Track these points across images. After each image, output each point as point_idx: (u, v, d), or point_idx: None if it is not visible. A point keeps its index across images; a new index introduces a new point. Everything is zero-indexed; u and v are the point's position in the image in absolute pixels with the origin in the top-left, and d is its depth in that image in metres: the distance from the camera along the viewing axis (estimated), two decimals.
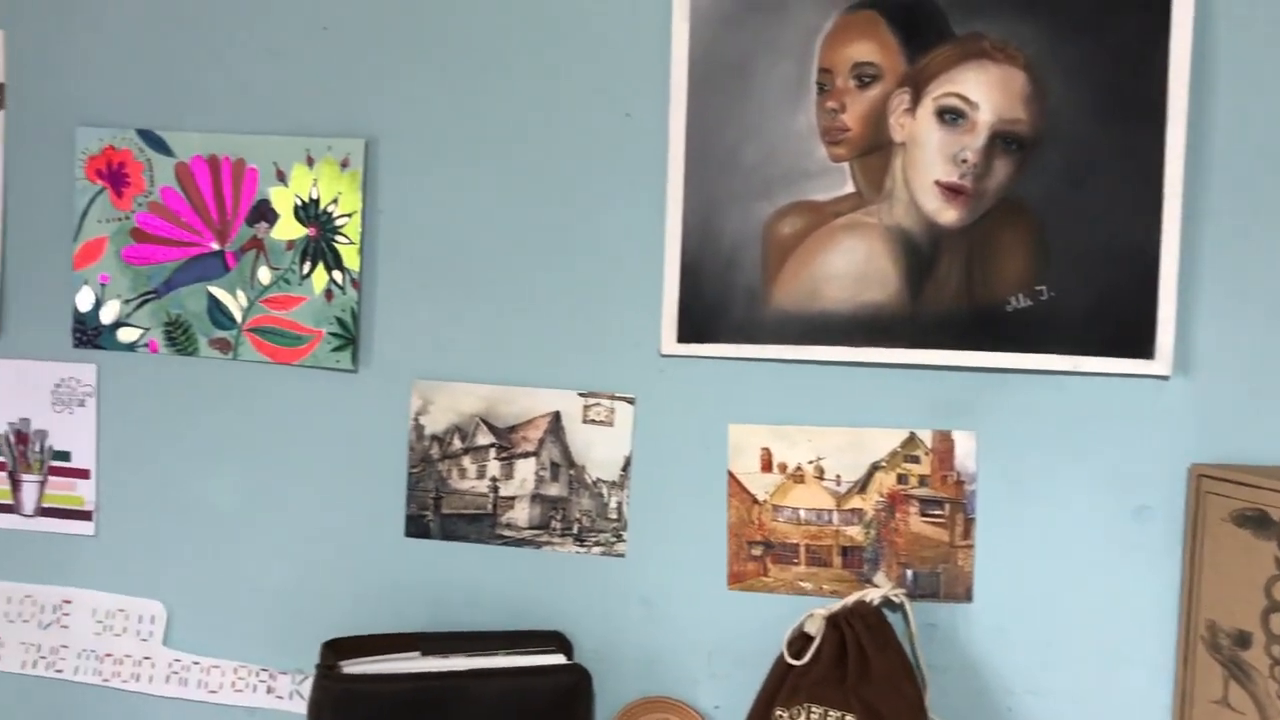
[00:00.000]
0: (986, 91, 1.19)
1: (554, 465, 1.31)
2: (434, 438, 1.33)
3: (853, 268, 1.22)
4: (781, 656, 1.22)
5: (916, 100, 1.21)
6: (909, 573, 1.24)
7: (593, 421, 1.30)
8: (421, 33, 1.31)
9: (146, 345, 1.37)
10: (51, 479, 1.41)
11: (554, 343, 1.30)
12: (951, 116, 1.20)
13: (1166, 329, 1.17)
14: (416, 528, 1.34)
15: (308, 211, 1.33)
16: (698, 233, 1.25)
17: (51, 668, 1.43)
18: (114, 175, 1.37)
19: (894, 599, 1.21)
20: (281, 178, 1.33)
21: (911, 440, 1.23)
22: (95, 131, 1.37)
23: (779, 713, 1.20)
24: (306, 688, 1.35)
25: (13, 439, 1.42)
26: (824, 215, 1.23)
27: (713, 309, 1.25)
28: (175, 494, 1.39)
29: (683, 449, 1.28)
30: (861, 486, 1.24)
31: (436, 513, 1.33)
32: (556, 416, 1.30)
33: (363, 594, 1.35)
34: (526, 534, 1.32)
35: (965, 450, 1.22)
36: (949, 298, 1.21)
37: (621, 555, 1.30)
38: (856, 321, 1.22)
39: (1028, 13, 1.18)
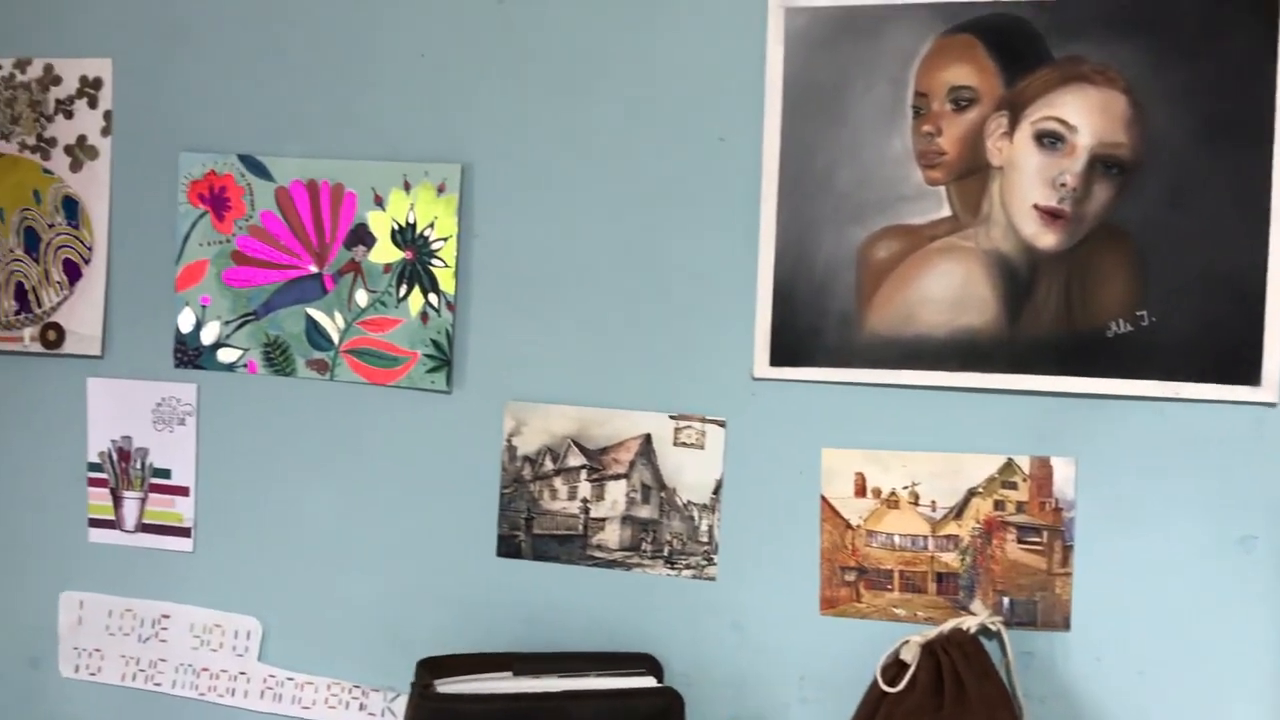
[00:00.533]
0: (1086, 115, 1.18)
1: (645, 487, 1.31)
2: (526, 458, 1.34)
3: (949, 292, 1.22)
4: (875, 683, 1.21)
5: (1014, 124, 1.20)
6: (1005, 600, 1.23)
7: (684, 444, 1.30)
8: (516, 59, 1.32)
9: (245, 366, 1.40)
10: (152, 496, 1.44)
11: (645, 365, 1.30)
12: (1050, 140, 1.19)
13: (1273, 355, 1.14)
14: (508, 547, 1.35)
15: (404, 235, 1.35)
16: (791, 256, 1.25)
17: (150, 680, 1.45)
18: (216, 199, 1.40)
19: (991, 626, 1.20)
20: (379, 202, 1.35)
21: (1009, 466, 1.22)
22: (198, 157, 1.41)
23: None
24: (399, 706, 1.37)
25: (115, 456, 1.45)
26: (920, 239, 1.22)
27: (806, 332, 1.25)
28: (272, 512, 1.41)
29: (775, 472, 1.28)
30: (957, 512, 1.23)
31: (528, 533, 1.34)
32: (648, 439, 1.31)
33: (455, 613, 1.36)
34: (617, 555, 1.32)
35: (1064, 477, 1.21)
36: (1047, 322, 1.19)
37: (712, 579, 1.30)
38: (953, 346, 1.21)
39: (1129, 36, 1.17)
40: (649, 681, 1.25)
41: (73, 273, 1.45)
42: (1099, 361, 1.18)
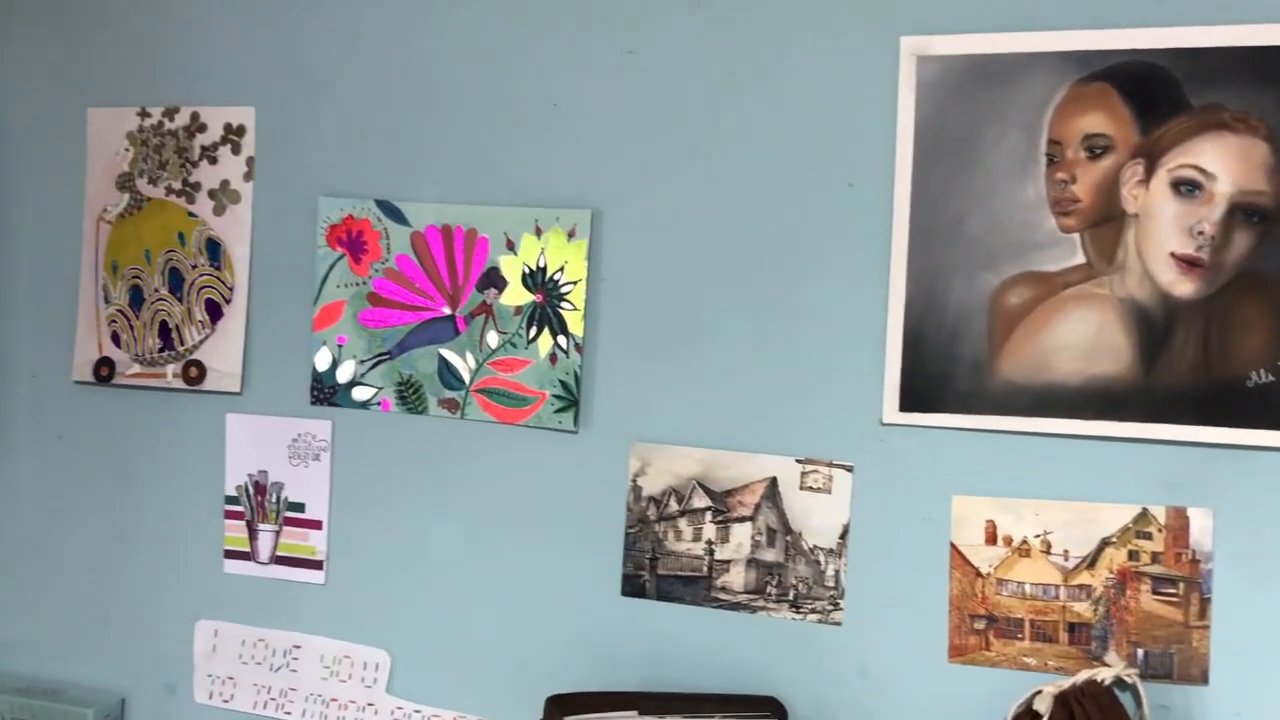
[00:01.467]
0: (1225, 163, 1.17)
1: (770, 531, 1.32)
2: (651, 499, 1.36)
3: (1083, 339, 1.21)
4: None
5: (1150, 171, 1.19)
6: (1140, 652, 1.21)
7: (810, 488, 1.31)
8: (646, 106, 1.35)
9: (379, 404, 1.44)
10: (286, 529, 1.49)
11: (772, 409, 1.31)
12: (1188, 188, 1.18)
13: None
14: (632, 587, 1.37)
15: (535, 279, 1.38)
16: (921, 302, 1.26)
17: (280, 709, 1.49)
18: (353, 243, 1.44)
19: (1126, 679, 1.18)
20: (511, 246, 1.39)
21: (1144, 516, 1.21)
22: (336, 202, 1.45)
23: None
24: None
25: (252, 490, 1.50)
26: (1053, 286, 1.22)
27: (936, 378, 1.25)
28: (402, 546, 1.44)
29: (903, 519, 1.28)
30: (1090, 562, 1.22)
31: (652, 573, 1.36)
32: (773, 482, 1.32)
33: (579, 650, 1.38)
34: (742, 598, 1.33)
35: (1201, 528, 1.19)
36: (1185, 371, 1.18)
37: (838, 624, 1.30)
38: (1087, 394, 1.21)
39: (1269, 83, 1.16)
40: None
41: (214, 312, 1.50)
42: (1238, 411, 1.17)
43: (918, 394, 1.26)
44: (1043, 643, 1.24)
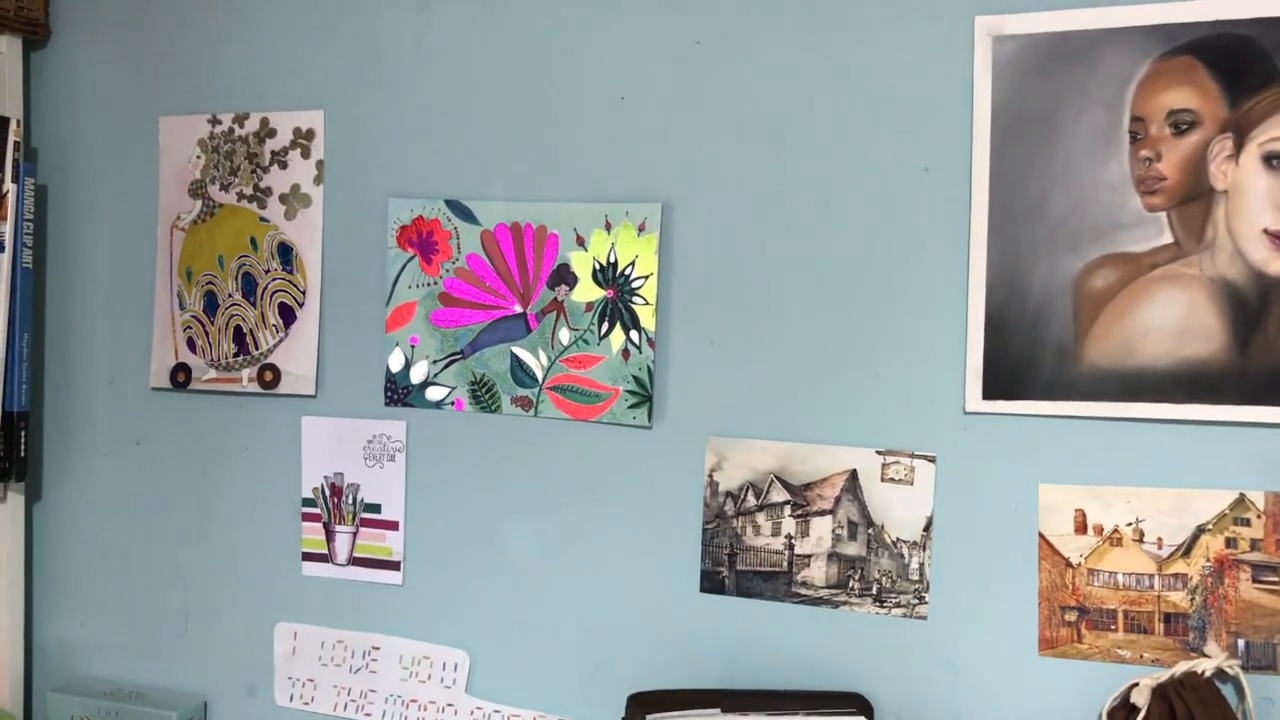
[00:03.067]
0: None
1: (851, 524, 1.30)
2: (728, 494, 1.34)
3: (1173, 321, 1.17)
4: None
5: (1240, 146, 1.16)
6: (1241, 642, 1.17)
7: (892, 480, 1.28)
8: (715, 97, 1.34)
9: (453, 403, 1.44)
10: (363, 530, 1.49)
11: (851, 400, 1.29)
12: None
13: None
14: (711, 583, 1.35)
15: (606, 274, 1.37)
16: (1003, 287, 1.23)
17: (360, 710, 1.49)
18: (424, 243, 1.44)
19: (1227, 670, 1.14)
20: (581, 243, 1.38)
21: (1241, 502, 1.17)
22: (406, 203, 1.45)
23: None
24: None
25: (328, 492, 1.50)
26: (1140, 267, 1.19)
27: (1020, 365, 1.22)
28: (479, 546, 1.44)
29: (989, 509, 1.25)
30: (1186, 550, 1.18)
31: (731, 569, 1.34)
32: (853, 474, 1.30)
33: (658, 648, 1.36)
34: (824, 593, 1.31)
35: None
36: None
37: (924, 617, 1.27)
38: (1178, 377, 1.17)
39: None
40: None
41: (287, 316, 1.51)
42: None
43: (1001, 381, 1.23)
44: (1137, 634, 1.20)
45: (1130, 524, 1.20)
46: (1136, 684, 1.16)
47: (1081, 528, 1.21)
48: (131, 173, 1.59)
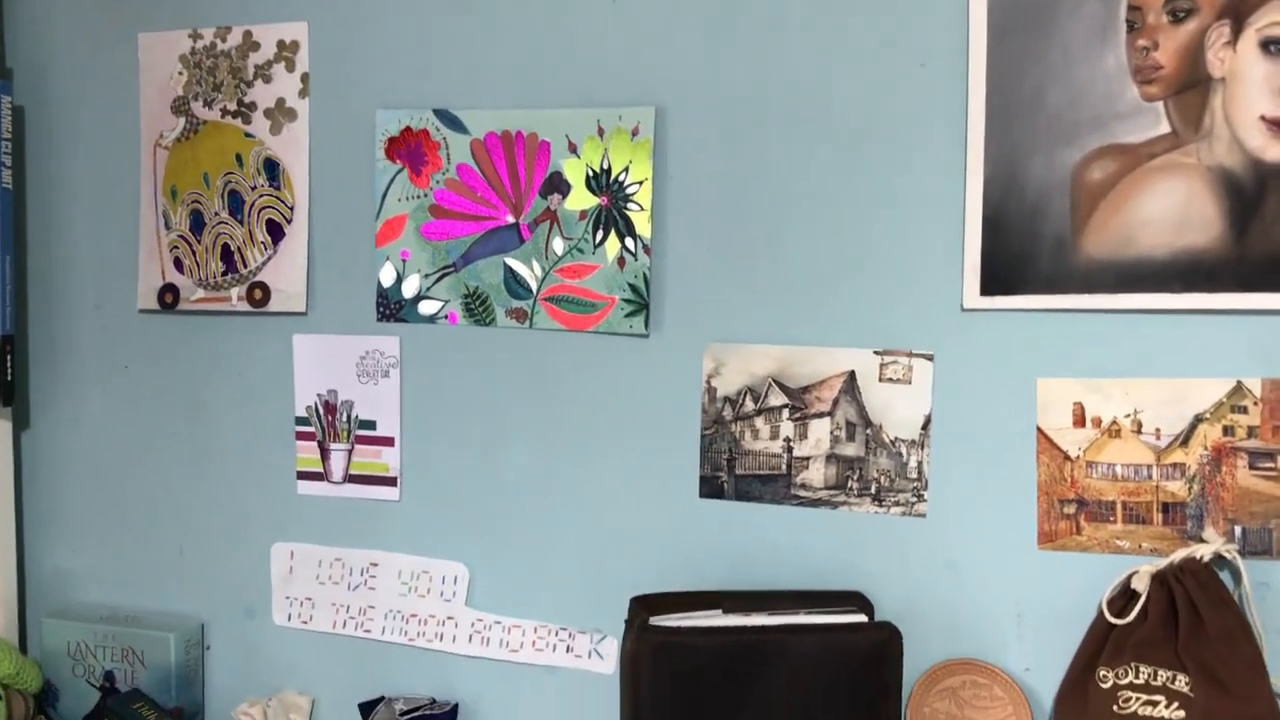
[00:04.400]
0: None
1: (849, 425, 1.30)
2: (726, 399, 1.34)
3: (1170, 211, 1.17)
4: (1101, 616, 1.19)
5: (1237, 32, 1.15)
6: (1237, 529, 1.18)
7: (890, 380, 1.28)
8: None
9: (446, 317, 1.43)
10: (358, 447, 1.48)
11: (848, 301, 1.29)
12: (1278, 47, 1.14)
13: None
14: (710, 489, 1.35)
15: (599, 181, 1.35)
16: (1000, 182, 1.22)
17: (360, 627, 1.49)
18: (413, 155, 1.43)
19: (1225, 555, 1.16)
20: (573, 149, 1.36)
21: (1238, 390, 1.17)
22: (394, 114, 1.43)
23: (1102, 673, 1.16)
24: (605, 647, 1.38)
25: (322, 410, 1.49)
26: (1137, 158, 1.19)
27: (1018, 260, 1.22)
28: (476, 459, 1.43)
29: (987, 406, 1.25)
30: (1184, 440, 1.19)
31: (730, 474, 1.34)
32: (851, 376, 1.30)
33: (658, 555, 1.37)
34: (822, 494, 1.31)
35: None
36: (1278, 237, 1.14)
37: (922, 515, 1.28)
38: (1175, 267, 1.17)
39: None
40: (861, 619, 1.24)
41: (276, 233, 1.49)
42: None
43: (999, 277, 1.23)
44: (1136, 524, 1.21)
45: (1128, 415, 1.20)
46: (1136, 572, 1.17)
47: (1080, 421, 1.22)
48: (111, 91, 1.56)
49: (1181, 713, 1.13)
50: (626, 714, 1.21)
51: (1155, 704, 1.14)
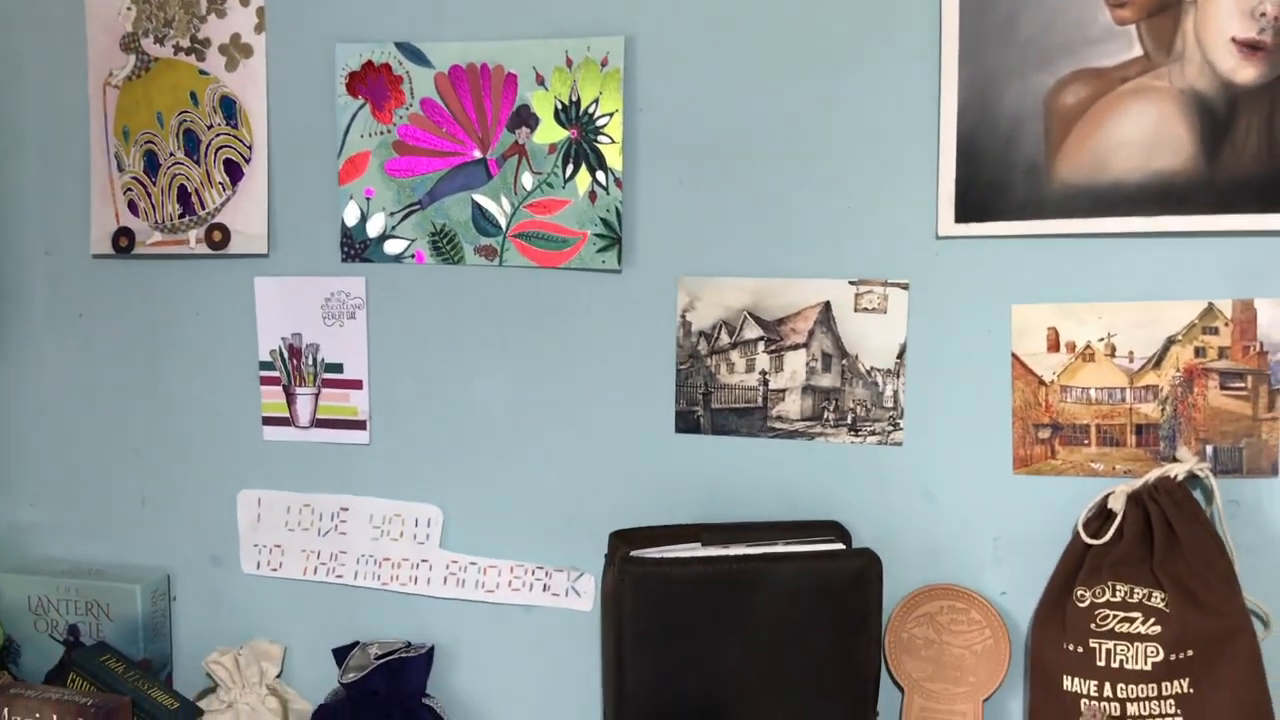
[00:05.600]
0: None
1: (825, 356, 1.30)
2: (701, 334, 1.33)
3: (1143, 135, 1.18)
4: (1077, 537, 1.20)
5: None
6: (1209, 449, 1.20)
7: (865, 309, 1.28)
8: None
9: (413, 256, 1.40)
10: (325, 391, 1.46)
11: (823, 232, 1.29)
12: None
13: None
14: (686, 424, 1.35)
15: (568, 114, 1.33)
16: (974, 108, 1.22)
17: (331, 572, 1.48)
18: (375, 90, 1.39)
19: (1199, 473, 1.17)
20: (541, 81, 1.34)
21: (1210, 311, 1.19)
22: (354, 47, 1.40)
23: (1079, 593, 1.18)
24: (582, 585, 1.38)
25: (286, 354, 1.46)
26: (1109, 82, 1.19)
27: (992, 187, 1.22)
28: (447, 400, 1.42)
29: (962, 333, 1.26)
30: (1156, 362, 1.21)
31: (706, 408, 1.34)
32: (826, 306, 1.29)
33: (635, 492, 1.36)
34: (799, 425, 1.31)
35: (1269, 319, 1.18)
36: (1248, 160, 1.16)
37: (899, 444, 1.28)
38: (1148, 190, 1.18)
39: None
40: (840, 548, 1.24)
41: (234, 173, 1.45)
42: None
43: (973, 204, 1.23)
44: (1110, 447, 1.22)
45: (1102, 339, 1.21)
46: (1112, 493, 1.18)
47: (1054, 346, 1.23)
48: (55, 29, 1.51)
49: (1158, 628, 1.14)
50: (609, 647, 1.21)
51: (1132, 620, 1.15)
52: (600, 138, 1.33)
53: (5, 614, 1.54)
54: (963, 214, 1.24)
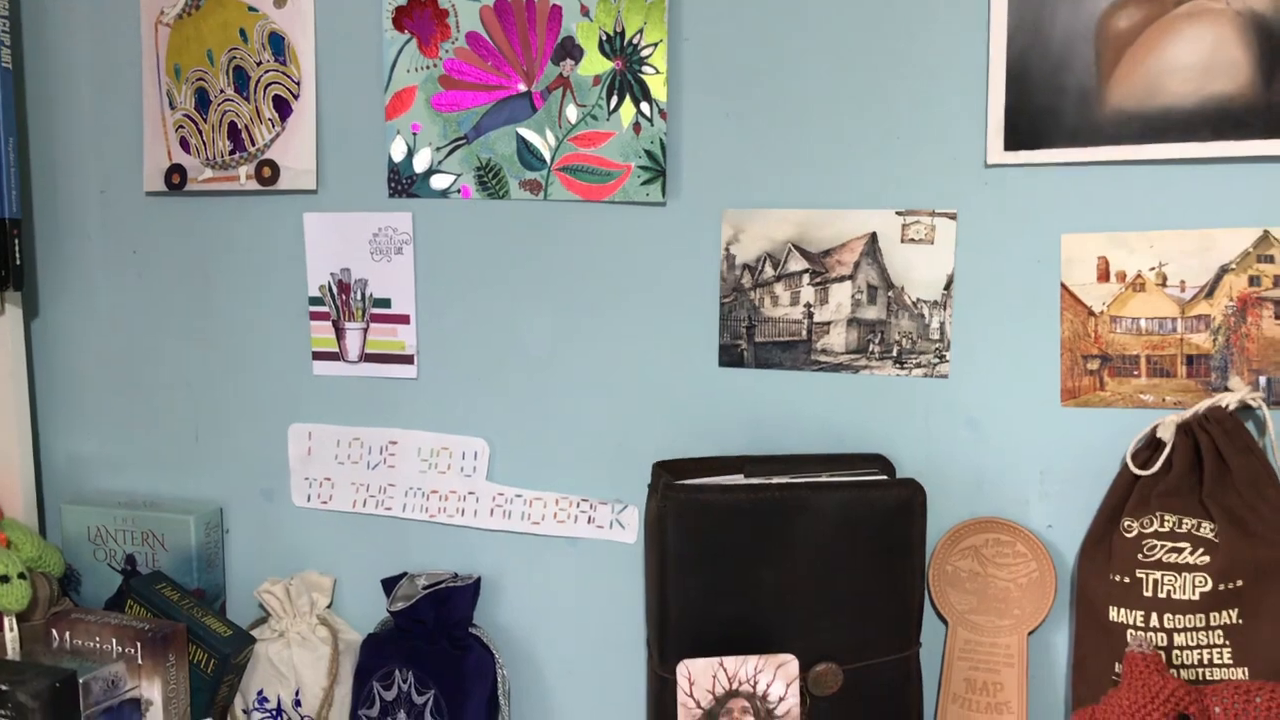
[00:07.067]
0: None
1: (871, 288, 1.29)
2: (745, 266, 1.33)
3: (1198, 58, 1.15)
4: (1125, 468, 1.19)
5: None
6: (1262, 379, 1.18)
7: (912, 240, 1.27)
8: None
9: (459, 191, 1.41)
10: (373, 326, 1.47)
11: (869, 162, 1.27)
12: None
13: None
14: (730, 357, 1.34)
15: (613, 45, 1.33)
16: (1024, 33, 1.20)
17: (380, 505, 1.49)
18: (421, 23, 1.40)
19: (1251, 403, 1.15)
20: (585, 12, 1.33)
21: (1265, 239, 1.16)
22: None
23: (1126, 523, 1.17)
24: (626, 517, 1.39)
25: (335, 289, 1.48)
26: (1163, 5, 1.16)
27: (1042, 113, 1.20)
28: (493, 334, 1.42)
29: (1010, 263, 1.24)
30: (1209, 291, 1.18)
31: (750, 341, 1.33)
32: (873, 238, 1.28)
33: (679, 425, 1.36)
34: (843, 359, 1.31)
35: None
36: None
37: (945, 376, 1.28)
38: (1203, 115, 1.16)
39: None
40: (883, 478, 1.24)
41: (283, 109, 1.46)
42: None
43: (1023, 131, 1.22)
44: (1160, 378, 1.21)
45: (1153, 269, 1.20)
46: (1161, 423, 1.16)
47: (1104, 275, 1.21)
48: None
49: (1206, 558, 1.13)
50: (651, 573, 1.22)
51: (1180, 551, 1.14)
52: (645, 69, 1.32)
53: (66, 544, 1.58)
54: (1012, 142, 1.22)
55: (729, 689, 1.16)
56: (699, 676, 1.16)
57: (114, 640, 1.40)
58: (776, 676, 1.16)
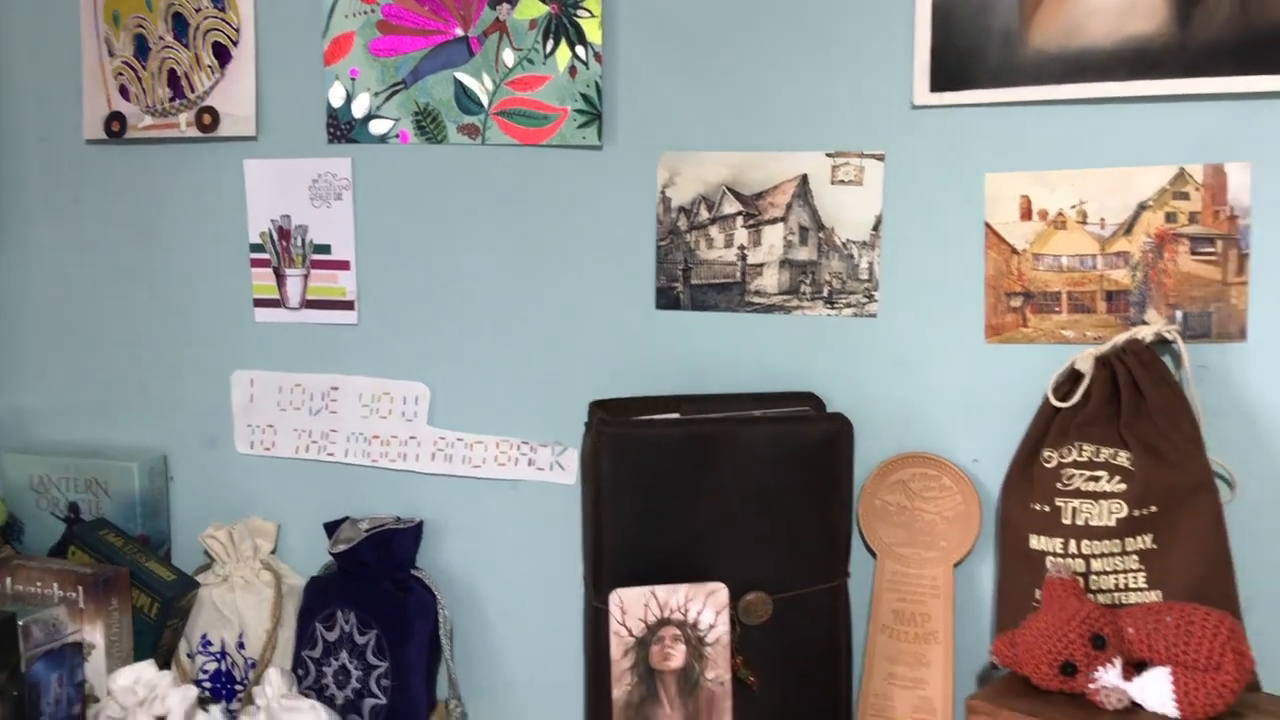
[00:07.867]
0: None
1: (802, 229, 1.31)
2: (681, 209, 1.35)
3: None
4: (1047, 401, 1.22)
5: None
6: (1178, 314, 1.21)
7: (842, 182, 1.30)
8: None
9: (398, 136, 1.42)
10: (314, 272, 1.48)
11: (801, 104, 1.29)
12: None
13: None
14: (666, 300, 1.37)
15: None
16: None
17: (323, 451, 1.51)
18: None
19: (1166, 336, 1.19)
20: None
21: (1181, 176, 1.19)
22: None
23: (1046, 454, 1.20)
24: (566, 459, 1.41)
25: (276, 235, 1.49)
26: None
27: (967, 55, 1.23)
28: (432, 279, 1.44)
29: (936, 203, 1.27)
30: (1127, 228, 1.22)
31: (685, 284, 1.36)
32: (804, 180, 1.31)
33: (616, 368, 1.38)
34: (776, 299, 1.33)
35: (1239, 183, 1.18)
36: (1221, 22, 1.16)
37: (873, 315, 1.30)
38: (1121, 55, 1.18)
39: None
40: (812, 413, 1.27)
41: (223, 55, 1.47)
42: (1278, 59, 1.14)
43: (948, 73, 1.24)
44: (1080, 314, 1.24)
45: (1074, 206, 1.22)
46: (1080, 356, 1.19)
47: (1026, 214, 1.24)
48: None
49: (1123, 485, 1.17)
50: (587, 507, 1.24)
51: (1097, 479, 1.18)
52: (580, 12, 1.34)
53: (8, 492, 1.58)
54: (938, 83, 1.24)
55: (660, 617, 1.18)
56: (631, 606, 1.18)
57: (55, 585, 1.41)
58: (707, 605, 1.19)
